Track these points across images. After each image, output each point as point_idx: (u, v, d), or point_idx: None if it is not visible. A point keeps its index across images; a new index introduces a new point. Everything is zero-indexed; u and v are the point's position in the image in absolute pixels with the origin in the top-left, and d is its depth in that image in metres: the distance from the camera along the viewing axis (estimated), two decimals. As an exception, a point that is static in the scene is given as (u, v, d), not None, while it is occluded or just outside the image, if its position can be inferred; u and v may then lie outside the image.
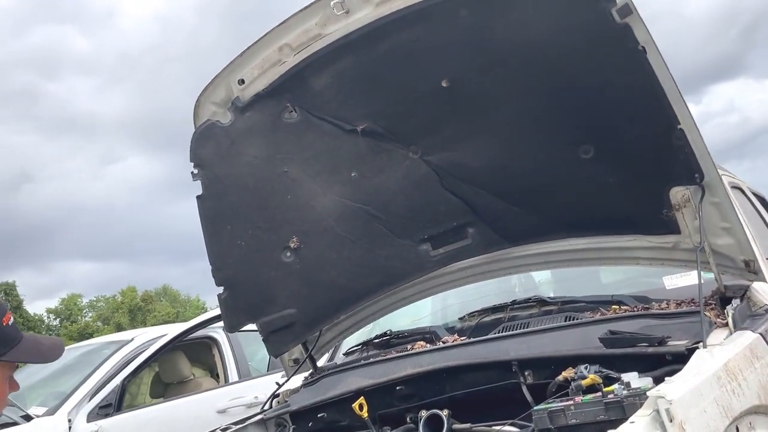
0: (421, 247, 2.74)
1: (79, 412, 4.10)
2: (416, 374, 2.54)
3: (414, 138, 2.59)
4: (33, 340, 1.71)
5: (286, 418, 2.87)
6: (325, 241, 2.76)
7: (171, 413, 4.55)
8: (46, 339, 1.78)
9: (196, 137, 2.69)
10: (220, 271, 2.78)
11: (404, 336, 3.02)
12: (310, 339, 3.08)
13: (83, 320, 63.37)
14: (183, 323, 5.20)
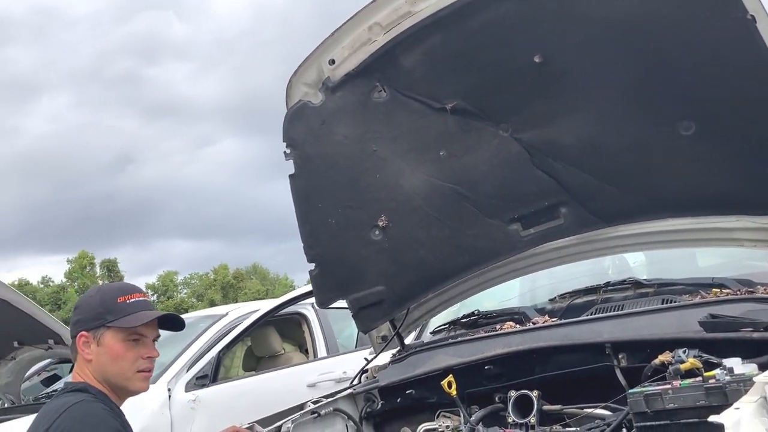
0: (511, 227, 2.70)
1: (177, 382, 4.30)
2: (506, 354, 2.52)
3: (504, 115, 2.55)
4: (144, 315, 1.98)
5: (375, 393, 2.92)
6: (414, 220, 2.77)
7: (263, 386, 4.71)
8: (153, 314, 2.02)
9: (289, 118, 2.75)
10: (311, 249, 2.84)
11: (492, 316, 3.00)
12: (397, 317, 3.11)
13: (179, 296, 66.30)
14: (274, 299, 5.35)
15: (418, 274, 2.84)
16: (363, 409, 2.93)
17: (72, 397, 1.91)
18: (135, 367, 1.98)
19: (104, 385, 1.97)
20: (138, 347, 1.98)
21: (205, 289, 66.08)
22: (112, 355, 1.95)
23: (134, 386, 2.00)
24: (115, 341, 1.95)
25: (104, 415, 1.85)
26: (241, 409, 4.07)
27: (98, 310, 1.98)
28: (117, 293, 2.01)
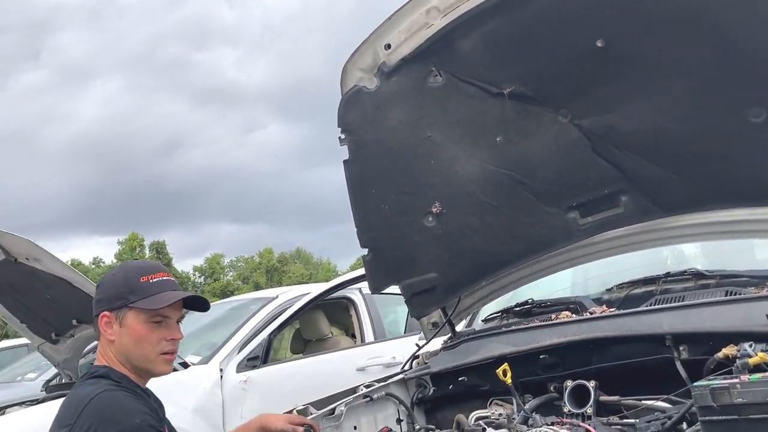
0: (569, 215, 2.65)
1: (229, 363, 4.38)
2: (562, 344, 2.49)
3: (564, 101, 2.49)
4: (168, 295, 1.93)
5: (427, 379, 2.92)
6: (468, 207, 2.75)
7: (313, 368, 4.77)
8: (178, 294, 1.97)
9: (344, 103, 2.74)
10: (364, 234, 2.85)
11: (547, 305, 2.97)
12: (449, 304, 3.10)
13: (225, 278, 67.51)
14: (323, 284, 5.39)
15: (471, 261, 2.82)
16: (414, 395, 2.93)
17: (93, 386, 1.84)
18: (158, 349, 1.92)
19: (127, 367, 1.92)
20: (161, 329, 1.92)
21: (250, 272, 67.16)
22: (135, 337, 1.89)
23: (157, 369, 1.95)
24: (138, 322, 1.89)
25: (127, 403, 1.78)
26: (291, 391, 4.14)
27: (121, 289, 1.91)
28: (140, 272, 1.94)
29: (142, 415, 1.75)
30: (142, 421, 1.71)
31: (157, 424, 1.78)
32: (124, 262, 2.05)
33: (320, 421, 2.60)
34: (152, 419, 1.78)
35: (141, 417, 1.73)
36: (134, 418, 1.72)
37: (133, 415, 1.73)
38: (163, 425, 1.91)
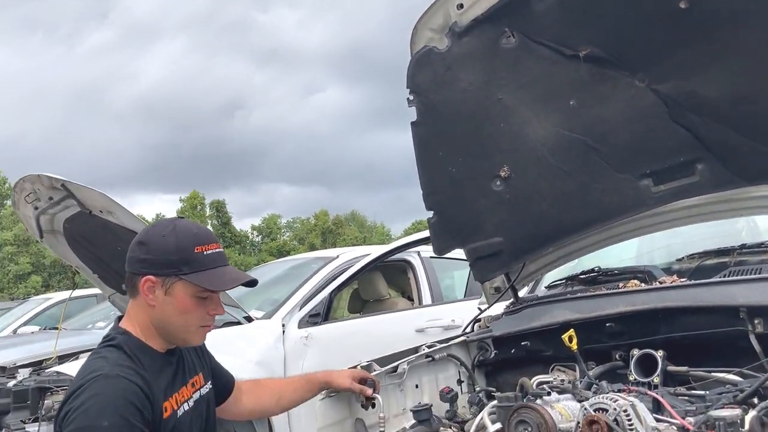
0: (642, 183, 2.59)
1: (291, 319, 4.47)
2: (630, 312, 2.45)
3: (642, 65, 2.41)
4: (222, 271, 1.87)
5: (489, 342, 2.93)
6: (537, 172, 2.71)
7: (373, 327, 4.84)
8: (234, 273, 1.93)
9: (413, 64, 2.72)
10: (430, 196, 2.85)
11: (614, 274, 2.93)
12: (513, 269, 3.09)
13: (281, 239, 68.69)
14: (383, 246, 5.44)
15: (538, 227, 2.79)
16: (475, 357, 2.95)
17: (101, 362, 1.77)
18: (200, 322, 1.88)
19: (157, 332, 1.86)
20: (206, 303, 1.87)
21: (306, 233, 68.13)
22: (180, 308, 1.83)
23: (193, 340, 1.91)
24: (186, 295, 1.82)
25: (109, 400, 1.67)
26: (351, 348, 4.21)
27: (173, 257, 1.81)
28: (194, 241, 1.84)
29: (115, 418, 1.65)
30: (110, 425, 1.63)
31: (132, 427, 1.68)
32: (175, 221, 1.92)
33: (383, 377, 2.65)
34: (128, 418, 1.67)
35: (111, 420, 1.64)
36: (103, 420, 1.63)
37: (105, 417, 1.64)
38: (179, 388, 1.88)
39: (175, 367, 1.92)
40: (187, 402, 1.89)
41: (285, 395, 2.39)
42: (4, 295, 44.46)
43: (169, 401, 1.82)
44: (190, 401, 1.91)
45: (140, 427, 1.68)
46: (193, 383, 1.97)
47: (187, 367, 1.97)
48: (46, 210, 4.55)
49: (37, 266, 51.28)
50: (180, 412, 1.85)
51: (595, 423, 1.89)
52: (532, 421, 2.00)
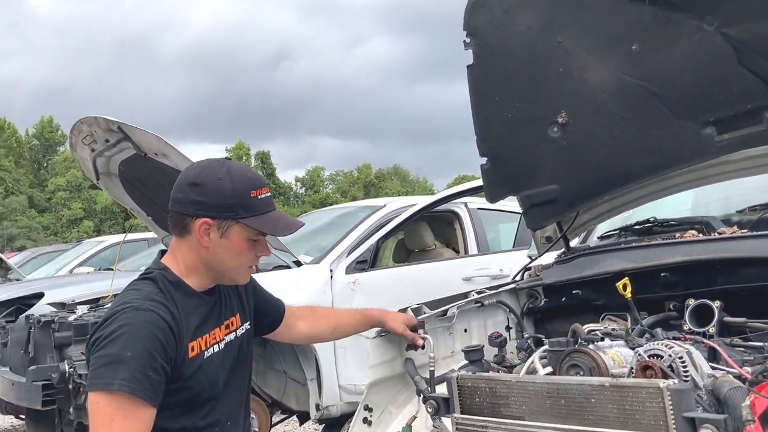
0: (705, 131, 2.51)
1: (339, 265, 4.53)
2: (687, 262, 2.42)
3: (711, 7, 2.32)
4: (276, 216, 1.92)
5: (539, 290, 2.92)
6: (596, 118, 2.65)
7: (419, 275, 4.87)
8: (289, 219, 1.98)
9: (470, 6, 2.67)
10: (485, 142, 2.82)
11: (670, 224, 2.87)
12: (567, 218, 3.06)
13: (324, 191, 69.25)
14: (430, 196, 5.43)
15: (595, 175, 2.74)
16: (525, 305, 2.96)
17: (135, 294, 1.82)
18: (249, 263, 1.93)
19: (200, 271, 1.89)
20: (257, 246, 1.91)
21: (348, 186, 68.55)
22: (235, 251, 1.87)
23: (240, 279, 1.96)
24: (241, 238, 1.86)
25: (135, 332, 1.72)
26: (398, 295, 4.25)
27: (230, 200, 1.83)
28: (249, 185, 1.86)
29: (139, 350, 1.70)
30: (132, 355, 1.69)
31: (153, 360, 1.72)
32: (226, 163, 1.92)
33: (433, 321, 2.68)
34: (151, 351, 1.71)
35: (135, 352, 1.69)
36: (127, 351, 1.69)
37: (129, 348, 1.70)
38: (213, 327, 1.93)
39: (210, 308, 1.95)
40: (218, 344, 1.93)
41: (341, 326, 2.44)
42: (58, 238, 46.06)
43: (198, 341, 1.86)
44: (221, 343, 1.94)
45: (161, 363, 1.73)
46: (228, 325, 2.00)
47: (224, 308, 2.01)
48: (103, 152, 4.66)
49: (88, 212, 52.86)
50: (208, 353, 1.88)
51: (649, 369, 1.88)
52: (585, 365, 2.00)
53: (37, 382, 4.11)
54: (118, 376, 1.68)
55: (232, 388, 1.97)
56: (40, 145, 62.37)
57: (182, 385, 1.80)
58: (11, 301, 7.07)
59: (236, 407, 2.01)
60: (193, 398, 1.84)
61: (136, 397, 1.68)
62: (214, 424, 1.90)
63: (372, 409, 2.58)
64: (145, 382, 1.70)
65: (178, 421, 1.82)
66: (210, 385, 1.86)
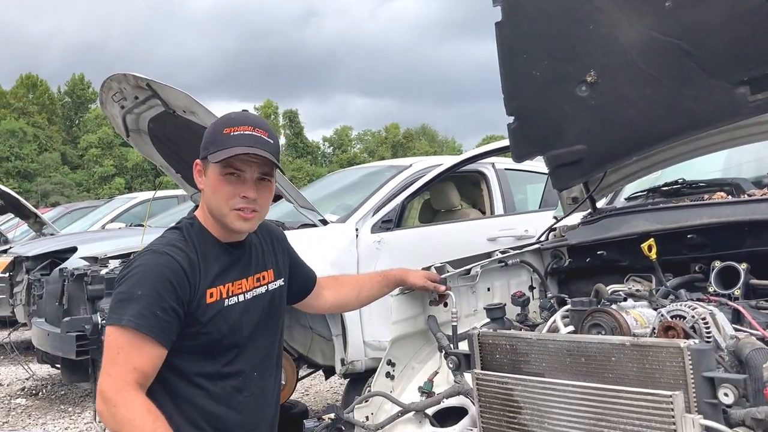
0: (738, 90, 2.45)
1: (364, 224, 4.55)
2: (714, 224, 2.39)
3: (749, -40, 2.25)
4: (240, 148, 1.88)
5: (564, 250, 2.92)
6: (626, 77, 2.60)
7: (445, 235, 4.88)
8: (246, 149, 1.91)
9: (500, -38, 2.62)
10: (512, 101, 2.79)
11: (699, 186, 2.83)
12: (594, 178, 3.03)
13: (352, 151, 69.16)
14: (457, 155, 5.40)
15: (623, 135, 2.70)
16: (549, 265, 2.96)
17: (160, 241, 1.93)
18: (230, 204, 1.91)
19: (209, 219, 1.96)
20: (236, 184, 1.91)
21: (376, 146, 68.36)
22: (211, 188, 1.92)
23: (231, 224, 1.93)
24: (214, 174, 1.91)
25: (149, 274, 1.81)
26: (423, 254, 4.26)
27: (206, 139, 1.94)
28: (226, 123, 1.93)
29: (149, 289, 1.79)
30: (142, 294, 1.78)
31: (162, 300, 1.80)
32: (236, 112, 2.04)
33: (456, 279, 2.70)
34: (160, 292, 1.80)
35: (145, 290, 1.78)
36: (138, 289, 1.79)
37: (140, 287, 1.80)
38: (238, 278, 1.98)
39: (236, 259, 1.99)
40: (243, 294, 1.98)
41: (364, 290, 2.48)
42: (90, 195, 46.86)
43: (218, 288, 1.92)
44: (247, 294, 1.99)
45: (170, 304, 1.82)
46: (259, 278, 2.04)
47: (255, 261, 2.05)
48: (132, 109, 4.70)
49: (120, 169, 53.60)
50: (230, 301, 1.94)
51: (671, 329, 1.88)
52: (606, 324, 2.01)
53: (71, 332, 4.25)
54: (128, 312, 1.78)
55: (259, 341, 2.02)
56: (72, 102, 63.05)
57: (200, 329, 1.87)
58: (46, 255, 7.27)
59: (264, 359, 2.05)
60: (214, 344, 1.90)
61: (141, 333, 1.77)
62: (239, 372, 1.95)
63: (395, 363, 2.63)
64: (152, 320, 1.78)
65: (200, 366, 1.89)
66: (231, 332, 1.92)
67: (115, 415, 1.72)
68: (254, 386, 2.00)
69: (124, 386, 1.75)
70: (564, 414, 1.85)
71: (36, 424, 5.96)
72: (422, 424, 2.45)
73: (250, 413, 1.98)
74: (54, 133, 57.49)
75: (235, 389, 1.94)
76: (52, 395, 6.95)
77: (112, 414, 1.73)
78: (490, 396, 2.05)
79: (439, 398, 2.44)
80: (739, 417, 1.61)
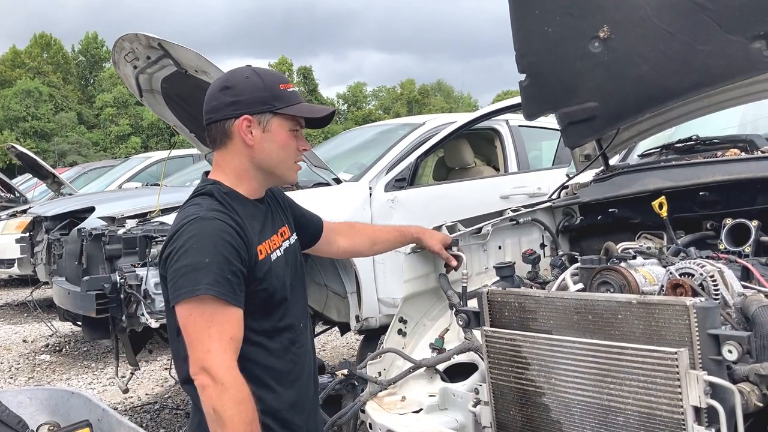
0: (754, 45, 2.40)
1: (378, 182, 4.55)
2: (727, 181, 2.38)
3: None
4: (308, 106, 1.97)
5: (575, 208, 2.93)
6: (639, 32, 2.56)
7: (458, 193, 4.88)
8: (319, 106, 2.01)
9: None
10: (524, 58, 2.76)
11: (713, 143, 2.81)
12: (606, 136, 3.01)
13: (367, 107, 68.70)
14: (471, 113, 5.36)
15: (636, 91, 2.66)
16: (560, 223, 2.97)
17: (195, 207, 1.85)
18: (294, 157, 1.96)
19: (250, 174, 1.92)
20: (297, 138, 1.95)
21: (391, 103, 67.82)
22: (279, 143, 1.90)
23: (290, 176, 1.98)
24: (282, 129, 1.91)
25: (207, 239, 1.76)
26: (436, 212, 4.29)
27: (264, 94, 1.89)
28: (277, 79, 1.93)
29: (215, 255, 1.74)
30: (210, 261, 1.72)
31: (230, 264, 1.76)
32: (249, 66, 1.98)
33: (467, 238, 2.72)
34: (226, 256, 1.75)
35: (212, 258, 1.73)
36: (204, 257, 1.73)
37: (205, 254, 1.73)
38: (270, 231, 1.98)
39: (265, 214, 1.99)
40: (279, 248, 1.99)
41: (379, 242, 2.49)
42: (107, 154, 47.14)
43: (264, 245, 1.92)
44: (280, 249, 2.00)
45: (238, 266, 1.79)
46: (282, 233, 2.06)
47: (276, 217, 2.07)
48: (145, 69, 4.70)
49: (136, 128, 53.71)
50: (273, 256, 1.95)
51: (679, 287, 1.90)
52: (615, 282, 2.03)
53: (90, 291, 4.32)
54: (201, 281, 1.72)
55: (298, 293, 2.05)
56: (87, 61, 62.93)
57: (258, 286, 1.86)
58: (64, 215, 7.37)
59: (304, 310, 2.09)
60: (269, 299, 1.90)
61: (224, 300, 1.73)
62: (292, 325, 1.98)
63: (407, 321, 2.68)
64: (227, 286, 1.74)
65: (259, 324, 1.89)
66: (281, 286, 1.93)
67: (223, 394, 1.68)
68: (303, 337, 2.03)
69: (230, 362, 1.72)
70: (571, 370, 1.88)
71: (60, 379, 6.13)
72: (433, 379, 2.51)
73: (303, 364, 2.02)
74: (69, 92, 57.55)
75: (290, 342, 1.97)
76: (75, 351, 7.14)
77: (220, 393, 1.68)
78: (498, 352, 2.09)
79: (449, 354, 2.48)
80: (743, 373, 1.64)
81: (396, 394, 2.51)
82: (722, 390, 1.62)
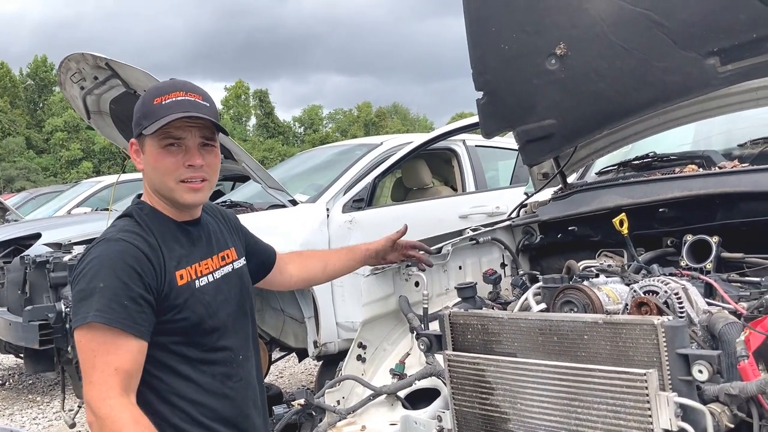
0: (708, 61, 2.42)
1: (335, 203, 4.48)
2: (686, 197, 2.37)
3: (719, -71, 2.21)
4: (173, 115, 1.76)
5: (535, 227, 2.89)
6: (596, 49, 2.55)
7: (416, 213, 4.81)
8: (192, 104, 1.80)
9: (467, -68, 2.54)
10: (481, 75, 2.72)
11: (670, 159, 2.81)
12: (564, 153, 3.00)
13: (324, 130, 68.78)
14: (428, 133, 5.34)
15: (594, 108, 2.65)
16: (520, 242, 2.93)
17: (109, 229, 1.79)
18: (176, 176, 1.77)
19: (156, 198, 1.83)
20: (178, 154, 1.77)
21: (348, 125, 68.07)
22: (153, 164, 1.78)
23: (180, 198, 1.80)
24: (153, 148, 1.76)
25: (106, 264, 1.67)
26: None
27: (138, 114, 1.78)
28: (156, 93, 1.77)
29: (111, 279, 1.65)
30: (105, 286, 1.64)
31: (128, 290, 1.67)
32: (166, 81, 1.88)
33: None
34: (125, 281, 1.66)
35: (107, 282, 1.64)
36: (99, 282, 1.64)
37: (101, 279, 1.65)
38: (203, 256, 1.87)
39: (196, 238, 1.88)
40: (212, 273, 1.87)
41: (330, 263, 2.40)
42: (58, 179, 46.01)
43: (186, 270, 1.80)
44: (215, 273, 1.88)
45: (139, 291, 1.67)
46: (223, 257, 1.94)
47: (216, 240, 1.95)
48: (92, 90, 4.56)
49: (87, 152, 52.65)
50: (201, 282, 1.82)
51: (644, 305, 1.86)
52: (579, 301, 1.98)
53: (33, 321, 4.12)
54: (92, 308, 1.63)
55: (238, 322, 1.92)
56: (36, 85, 61.57)
57: (176, 314, 1.74)
58: (9, 242, 7.07)
59: (244, 342, 1.96)
60: (193, 329, 1.78)
61: (113, 328, 1.62)
62: (224, 359, 1.85)
63: (366, 346, 2.59)
64: (122, 312, 1.64)
65: (184, 356, 1.77)
66: (208, 314, 1.80)
67: (102, 428, 1.58)
68: (242, 370, 1.90)
69: (108, 393, 1.60)
70: (537, 394, 1.82)
71: (3, 415, 5.83)
72: (394, 406, 2.42)
73: (242, 399, 1.88)
74: (17, 116, 56.14)
75: (224, 376, 1.84)
76: (19, 385, 6.82)
77: (100, 427, 1.59)
78: (462, 377, 2.01)
79: (410, 380, 2.40)
80: (713, 393, 1.59)
81: (356, 424, 2.41)
82: (693, 411, 1.57)
